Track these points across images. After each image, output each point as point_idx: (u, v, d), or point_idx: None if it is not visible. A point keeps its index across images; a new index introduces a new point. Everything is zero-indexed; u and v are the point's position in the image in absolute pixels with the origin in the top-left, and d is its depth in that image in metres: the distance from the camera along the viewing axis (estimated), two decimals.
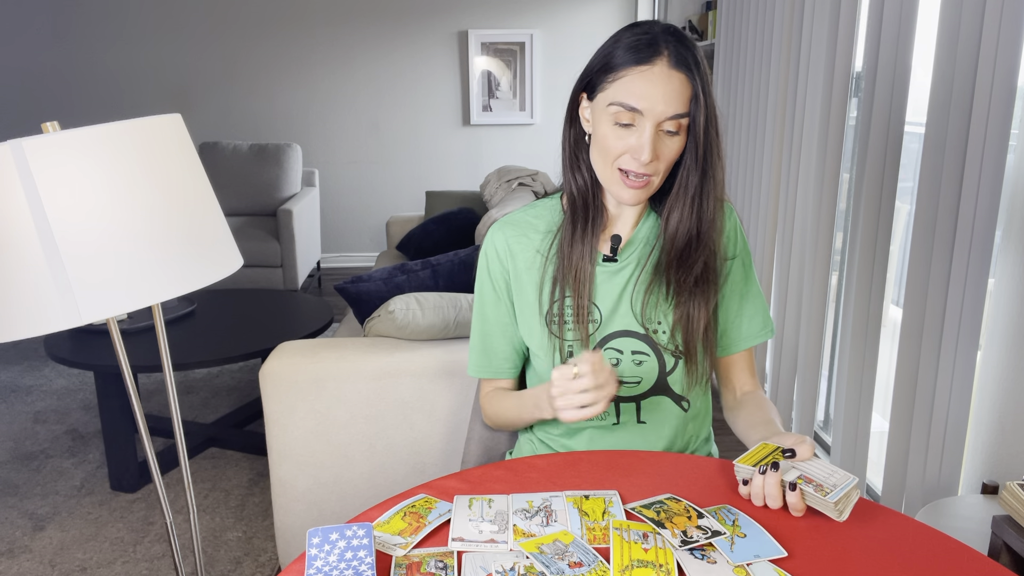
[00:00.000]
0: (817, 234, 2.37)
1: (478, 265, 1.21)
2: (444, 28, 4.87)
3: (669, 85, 0.99)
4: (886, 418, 2.35)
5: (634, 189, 1.04)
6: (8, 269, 0.95)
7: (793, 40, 2.58)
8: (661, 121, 1.00)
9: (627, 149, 1.02)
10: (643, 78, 0.99)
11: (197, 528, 1.35)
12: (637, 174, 1.03)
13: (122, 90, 4.93)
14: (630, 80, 1.00)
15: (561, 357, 1.13)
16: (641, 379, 1.13)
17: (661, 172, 1.05)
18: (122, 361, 1.18)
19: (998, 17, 1.55)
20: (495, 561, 0.79)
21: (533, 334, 1.16)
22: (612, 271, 1.13)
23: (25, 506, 2.36)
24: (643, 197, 1.06)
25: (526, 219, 1.19)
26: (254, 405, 2.88)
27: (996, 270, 1.64)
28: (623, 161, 1.03)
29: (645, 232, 1.15)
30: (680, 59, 1.00)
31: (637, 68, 1.00)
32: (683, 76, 1.00)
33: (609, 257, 1.13)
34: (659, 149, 1.02)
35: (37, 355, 3.64)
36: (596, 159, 1.08)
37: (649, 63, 1.00)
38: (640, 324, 1.12)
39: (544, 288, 1.14)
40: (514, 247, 1.17)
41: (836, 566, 0.80)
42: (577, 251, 1.11)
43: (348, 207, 5.18)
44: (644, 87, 0.99)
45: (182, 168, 1.08)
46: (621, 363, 1.13)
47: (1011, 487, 1.38)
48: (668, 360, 1.13)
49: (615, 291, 1.13)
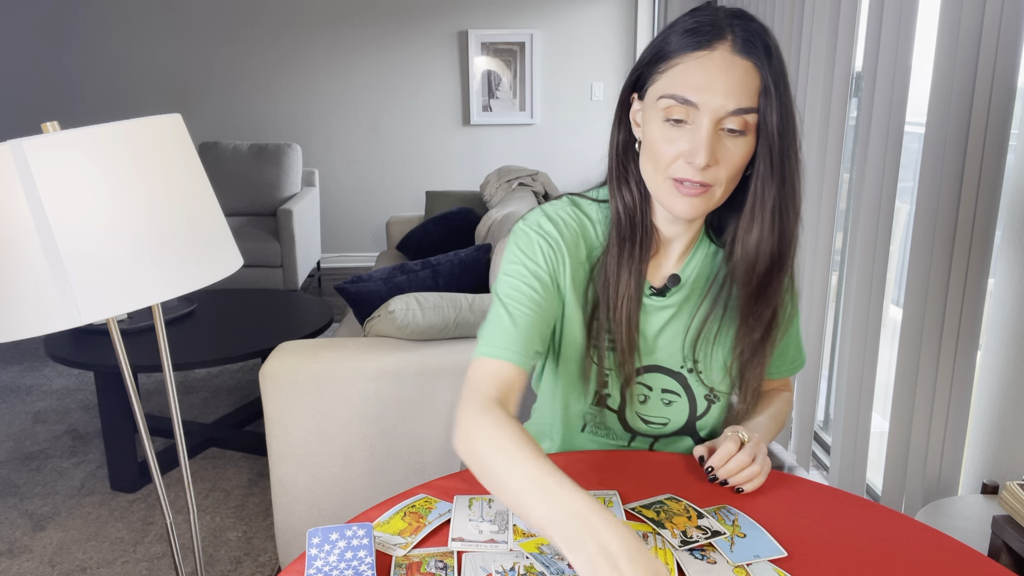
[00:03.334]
0: (817, 234, 2.37)
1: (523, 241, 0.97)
2: (444, 28, 4.87)
3: (731, 74, 0.82)
4: (886, 418, 2.35)
5: (690, 197, 0.87)
6: (8, 269, 0.95)
7: (793, 40, 2.58)
8: (721, 117, 0.83)
9: (680, 154, 0.86)
10: (700, 65, 0.83)
11: (197, 528, 1.35)
12: (692, 182, 0.86)
13: (122, 90, 4.93)
14: (684, 68, 0.83)
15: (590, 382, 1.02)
16: (668, 420, 1.05)
17: (723, 182, 0.87)
18: (122, 361, 1.18)
19: (998, 17, 1.55)
20: (495, 561, 0.79)
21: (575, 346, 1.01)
22: (658, 305, 1.00)
23: (25, 506, 2.36)
24: (701, 210, 0.88)
25: (580, 218, 1.00)
26: (254, 405, 2.88)
27: (996, 270, 1.64)
28: (676, 168, 0.86)
29: (693, 267, 1.01)
30: (747, 44, 0.83)
31: (694, 54, 0.83)
32: (749, 64, 0.83)
33: (657, 291, 1.00)
34: (719, 152, 0.85)
35: (37, 355, 3.64)
36: (646, 166, 0.91)
37: (708, 47, 0.83)
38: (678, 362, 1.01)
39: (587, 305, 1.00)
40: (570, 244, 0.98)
41: (836, 566, 0.80)
42: (624, 280, 0.95)
43: (348, 207, 5.18)
44: (701, 76, 0.82)
45: (182, 168, 1.08)
46: (649, 401, 1.04)
47: (1011, 487, 1.38)
48: (700, 404, 1.04)
49: (657, 325, 1.01)
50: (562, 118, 5.01)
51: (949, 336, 1.71)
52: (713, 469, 0.94)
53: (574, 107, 5.01)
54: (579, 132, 5.04)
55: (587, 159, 5.09)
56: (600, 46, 4.91)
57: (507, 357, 0.90)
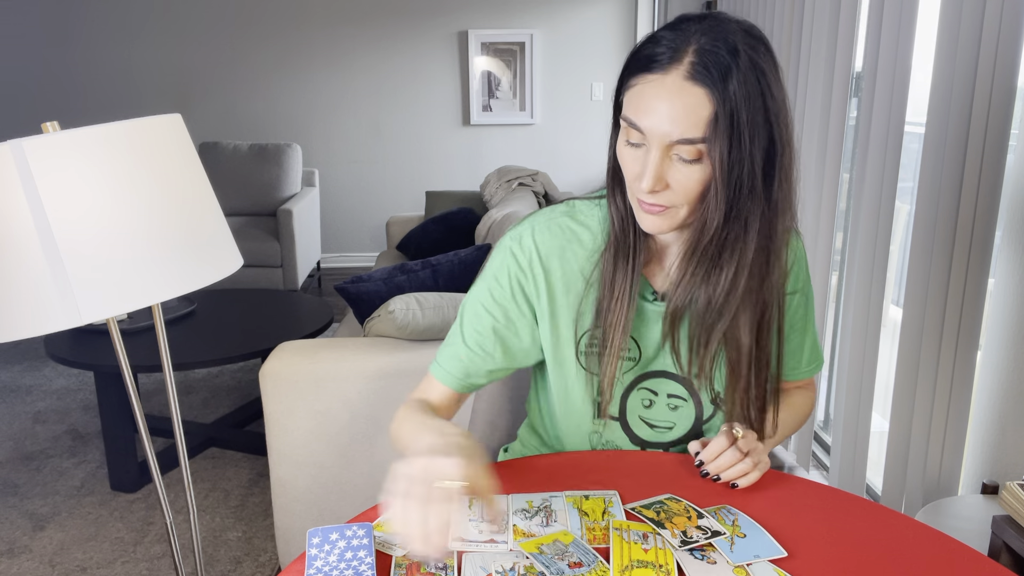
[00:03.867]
0: (817, 234, 2.37)
1: (498, 260, 1.00)
2: (444, 28, 4.87)
3: (679, 101, 0.78)
4: (886, 418, 2.35)
5: (651, 215, 0.86)
6: (8, 269, 0.95)
7: (793, 40, 2.58)
8: (668, 145, 0.81)
9: (635, 175, 0.85)
10: (651, 89, 0.80)
11: (197, 528, 1.35)
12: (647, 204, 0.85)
13: (122, 90, 4.93)
14: (639, 91, 0.82)
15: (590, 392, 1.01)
16: (674, 424, 1.04)
17: (682, 204, 0.85)
18: (122, 361, 1.18)
19: (998, 17, 1.55)
20: (495, 561, 0.79)
21: (565, 365, 1.01)
22: (660, 311, 0.99)
23: (25, 506, 2.36)
24: (666, 227, 0.87)
25: (570, 226, 0.99)
26: (254, 405, 2.88)
27: (996, 270, 1.64)
28: (635, 188, 0.86)
29: None
30: (701, 70, 0.78)
31: (647, 76, 0.81)
32: (702, 91, 0.78)
33: (660, 296, 0.99)
34: (669, 177, 0.82)
35: (37, 355, 3.64)
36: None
37: (662, 71, 0.79)
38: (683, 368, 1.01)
39: (583, 315, 0.98)
40: (551, 261, 0.98)
41: (836, 566, 0.80)
42: (619, 284, 0.94)
43: (348, 207, 5.18)
44: (649, 101, 0.80)
45: (182, 168, 1.08)
46: (654, 405, 1.03)
47: (1011, 487, 1.38)
48: (707, 408, 1.03)
49: (660, 331, 0.99)
50: (562, 118, 5.01)
51: (949, 336, 1.71)
52: (704, 464, 0.94)
53: (574, 107, 5.01)
54: (579, 132, 5.04)
55: (587, 159, 5.10)
56: (600, 46, 4.91)
57: (447, 382, 1.03)
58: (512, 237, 1.00)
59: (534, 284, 0.98)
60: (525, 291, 0.99)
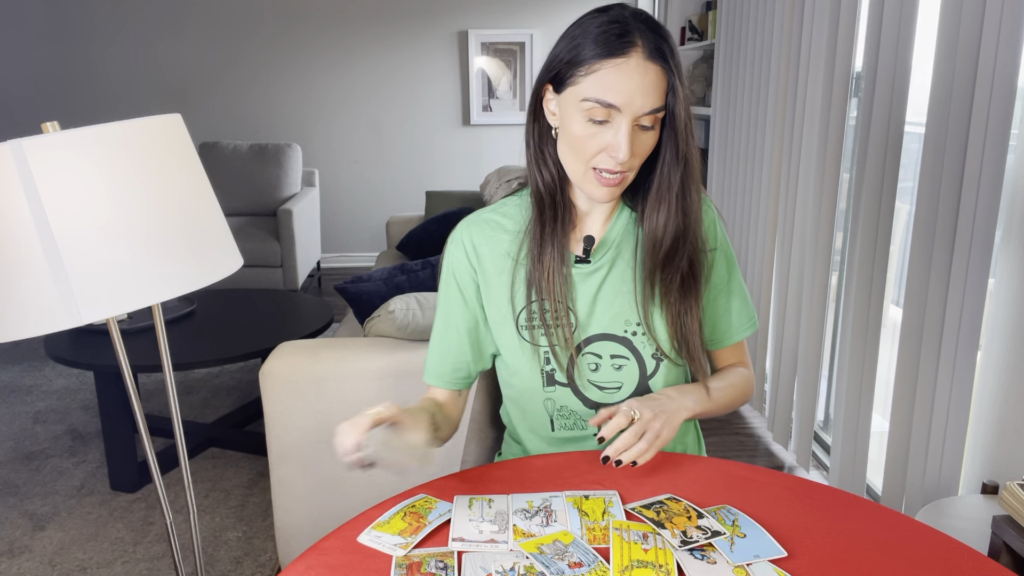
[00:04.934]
0: (817, 234, 2.37)
1: (442, 265, 1.13)
2: (444, 28, 4.87)
3: (646, 78, 0.93)
4: (886, 418, 2.35)
5: (609, 187, 0.99)
6: (8, 269, 0.95)
7: (793, 40, 2.58)
8: (638, 116, 0.94)
9: (603, 147, 0.96)
10: (618, 71, 0.92)
11: (197, 528, 1.35)
12: (612, 171, 0.97)
13: (122, 90, 4.93)
14: (603, 74, 0.93)
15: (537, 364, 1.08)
16: (622, 384, 1.09)
17: (636, 168, 1.00)
18: (122, 361, 1.18)
19: (998, 17, 1.55)
20: (495, 561, 0.79)
21: (508, 341, 1.10)
22: (586, 272, 1.08)
23: (25, 506, 2.36)
24: (617, 194, 1.01)
25: (493, 218, 1.11)
26: (254, 405, 2.88)
27: (996, 270, 1.64)
28: (599, 160, 0.98)
29: (618, 230, 1.09)
30: (655, 49, 0.93)
31: (610, 61, 0.93)
32: (659, 68, 0.93)
33: (582, 258, 1.08)
34: (635, 144, 0.96)
35: (37, 355, 3.64)
36: (567, 156, 1.01)
37: (623, 55, 0.92)
38: (621, 327, 1.08)
39: (516, 293, 1.08)
40: (481, 248, 1.10)
41: (836, 566, 0.80)
42: (548, 253, 1.05)
43: (348, 207, 5.18)
44: (619, 81, 0.92)
45: (182, 168, 1.08)
46: (600, 368, 1.08)
47: (1011, 487, 1.38)
48: (649, 363, 1.09)
49: (590, 293, 1.08)
50: None
51: (949, 336, 1.71)
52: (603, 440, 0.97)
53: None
54: None
55: None
56: None
57: (436, 383, 1.15)
58: (449, 242, 1.13)
59: (472, 276, 1.10)
60: (466, 285, 1.10)
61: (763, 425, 2.87)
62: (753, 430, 2.83)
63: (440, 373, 1.15)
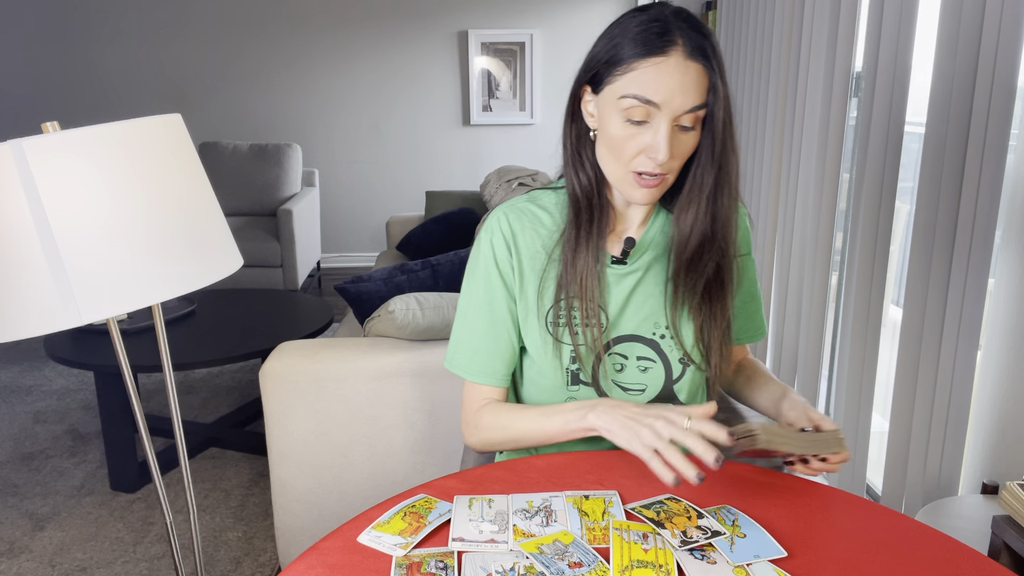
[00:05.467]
0: (817, 234, 2.37)
1: (480, 251, 1.09)
2: (444, 28, 4.87)
3: (686, 76, 0.91)
4: (886, 418, 2.35)
5: (648, 188, 0.97)
6: (8, 269, 0.95)
7: (793, 40, 2.58)
8: (678, 116, 0.92)
9: (642, 149, 0.95)
10: (657, 70, 0.91)
11: (197, 528, 1.35)
12: (652, 174, 0.95)
13: (122, 90, 4.93)
14: (643, 72, 0.91)
15: (561, 362, 1.07)
16: (646, 387, 1.08)
17: (675, 170, 0.97)
18: (122, 361, 1.18)
19: (998, 17, 1.55)
20: (495, 561, 0.79)
21: (532, 335, 1.09)
22: (621, 273, 1.07)
23: (25, 506, 2.36)
24: (657, 196, 0.99)
25: (532, 210, 1.10)
26: (254, 405, 2.88)
27: (996, 270, 1.64)
28: (638, 163, 0.96)
29: (654, 233, 1.08)
30: (696, 47, 0.91)
31: (650, 59, 0.91)
32: (700, 66, 0.92)
33: (618, 259, 1.07)
34: (675, 146, 0.94)
35: (37, 355, 3.64)
36: (605, 158, 1.00)
37: (663, 54, 0.91)
38: (650, 329, 1.07)
39: (546, 290, 1.06)
40: (519, 238, 1.08)
41: (836, 566, 0.80)
42: (582, 257, 1.03)
43: (348, 207, 5.18)
44: (659, 79, 0.91)
45: (182, 168, 1.08)
46: (626, 369, 1.08)
47: (1011, 487, 1.38)
48: (675, 368, 1.08)
49: (623, 294, 1.07)
50: (562, 118, 5.01)
51: (949, 336, 1.71)
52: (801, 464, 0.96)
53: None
54: None
55: None
56: None
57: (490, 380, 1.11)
58: (486, 231, 1.09)
59: (510, 264, 1.08)
60: (507, 273, 1.08)
61: None
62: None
63: (494, 371, 1.11)
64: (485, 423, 1.10)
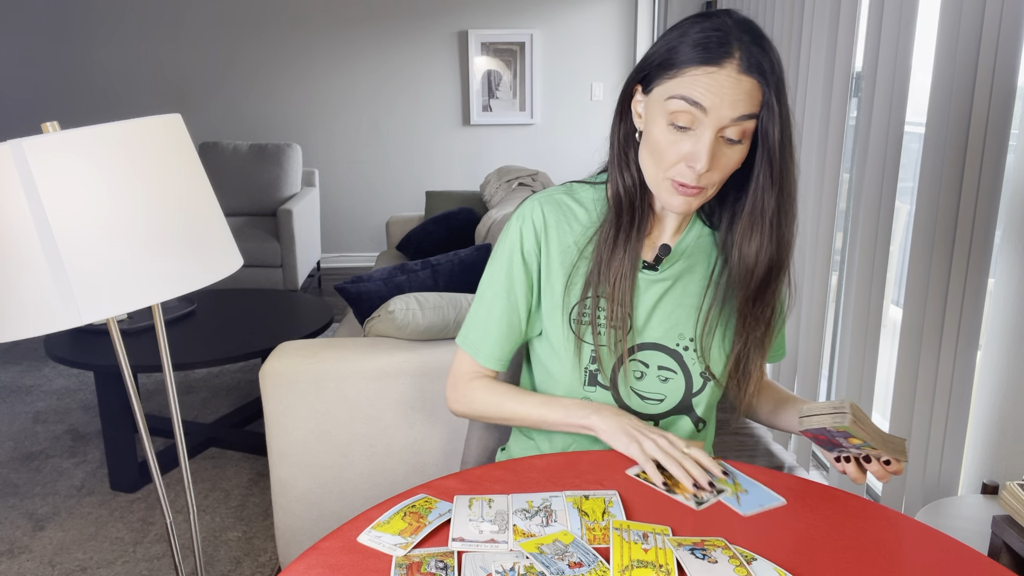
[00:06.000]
0: (817, 234, 2.37)
1: (508, 236, 1.08)
2: (444, 28, 4.87)
3: (738, 88, 0.89)
4: (886, 418, 2.35)
5: (685, 197, 0.95)
6: (8, 269, 0.95)
7: (793, 40, 2.58)
8: (724, 126, 0.90)
9: (683, 156, 0.92)
10: (709, 79, 0.89)
11: (197, 528, 1.35)
12: (689, 186, 0.93)
13: (122, 90, 4.93)
14: (693, 78, 0.90)
15: (580, 361, 1.06)
16: (665, 397, 1.07)
17: (716, 183, 0.95)
18: (122, 361, 1.18)
19: (998, 17, 1.55)
20: (495, 561, 0.79)
21: (555, 330, 1.07)
22: (651, 280, 1.05)
23: (25, 506, 2.36)
24: (694, 207, 0.97)
25: (567, 202, 1.08)
26: (254, 405, 2.88)
27: (996, 270, 1.64)
28: (677, 171, 0.93)
29: (689, 242, 1.07)
30: (752, 62, 0.89)
31: (703, 68, 0.89)
32: (754, 81, 0.89)
33: (650, 265, 1.05)
34: (717, 158, 0.92)
35: (37, 355, 3.64)
36: (646, 161, 0.98)
37: (717, 64, 0.89)
38: (674, 340, 1.06)
39: (573, 286, 1.05)
40: (551, 230, 1.06)
41: (836, 566, 0.80)
42: (618, 258, 1.01)
43: (348, 207, 5.18)
44: (710, 86, 0.89)
45: (182, 168, 1.08)
46: (645, 377, 1.07)
47: (1011, 487, 1.38)
48: (696, 381, 1.07)
49: (651, 301, 1.05)
50: (562, 118, 5.01)
51: (949, 336, 1.71)
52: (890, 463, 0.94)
53: (574, 107, 5.01)
54: (579, 132, 5.04)
55: (587, 159, 5.09)
56: (600, 46, 4.91)
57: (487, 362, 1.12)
58: (518, 217, 1.08)
59: (537, 255, 1.07)
60: (532, 262, 1.08)
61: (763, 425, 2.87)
62: (753, 430, 2.83)
63: (500, 356, 1.12)
64: (478, 397, 1.12)
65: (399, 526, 0.86)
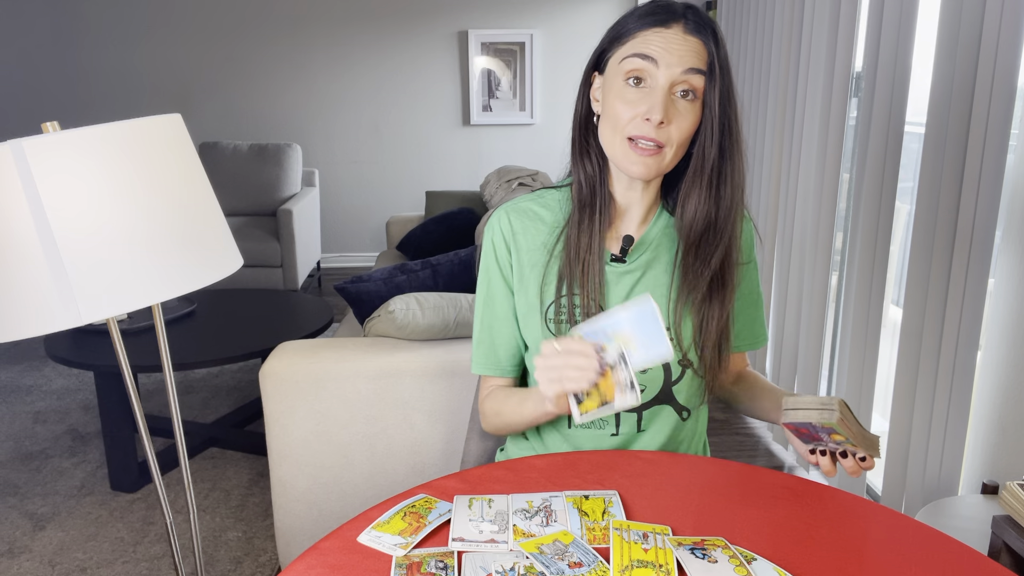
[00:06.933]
0: (817, 234, 2.37)
1: (483, 251, 1.13)
2: (444, 28, 4.87)
3: (686, 46, 0.95)
4: (886, 418, 2.35)
5: (645, 157, 0.97)
6: (8, 269, 0.95)
7: (793, 40, 2.58)
8: (675, 80, 0.95)
9: (638, 113, 0.96)
10: (658, 35, 0.95)
11: (197, 528, 1.35)
12: (647, 139, 0.96)
13: (122, 90, 4.93)
14: (644, 37, 0.96)
15: None
16: (645, 387, 1.08)
17: (674, 143, 0.97)
18: (122, 361, 1.18)
19: (998, 17, 1.55)
20: (495, 561, 0.79)
21: (533, 334, 1.09)
22: (620, 272, 1.07)
23: (25, 506, 2.36)
24: (654, 170, 0.99)
25: (532, 208, 1.12)
26: (254, 405, 2.88)
27: (996, 270, 1.64)
28: (633, 127, 0.97)
29: (656, 233, 1.09)
30: (698, 26, 0.96)
31: (653, 29, 0.96)
32: (699, 42, 0.95)
33: (617, 257, 1.07)
34: (672, 112, 0.96)
35: (37, 355, 3.64)
36: (605, 134, 1.01)
37: (665, 25, 0.95)
38: None
39: (547, 286, 1.07)
40: (519, 236, 1.10)
41: (836, 566, 0.80)
42: (584, 244, 1.04)
43: (348, 207, 5.18)
44: (660, 42, 0.95)
45: (182, 168, 1.08)
46: None
47: (1011, 487, 1.38)
48: (675, 369, 1.08)
49: (622, 293, 1.07)
50: (562, 118, 5.01)
51: (949, 336, 1.71)
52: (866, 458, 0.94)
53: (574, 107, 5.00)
54: None
55: None
56: None
57: (490, 372, 1.16)
58: (488, 230, 1.13)
59: (509, 262, 1.11)
60: (507, 271, 1.12)
61: (763, 425, 2.87)
62: (753, 430, 2.83)
63: (496, 362, 1.15)
64: (486, 409, 1.16)
65: (399, 526, 0.86)
